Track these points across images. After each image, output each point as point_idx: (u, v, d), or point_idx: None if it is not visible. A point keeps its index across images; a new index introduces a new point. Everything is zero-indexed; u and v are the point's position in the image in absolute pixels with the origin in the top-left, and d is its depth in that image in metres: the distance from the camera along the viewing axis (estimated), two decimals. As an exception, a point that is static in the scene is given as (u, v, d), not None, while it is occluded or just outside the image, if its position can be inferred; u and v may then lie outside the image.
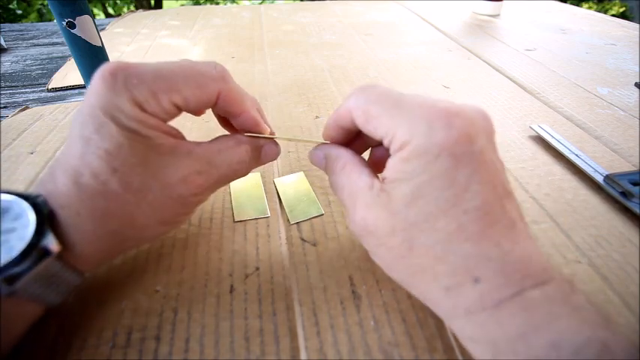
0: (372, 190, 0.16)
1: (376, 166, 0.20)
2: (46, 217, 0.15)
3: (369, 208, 0.16)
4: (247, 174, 0.21)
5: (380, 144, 0.19)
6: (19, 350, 0.17)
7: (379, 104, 0.16)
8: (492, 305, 0.14)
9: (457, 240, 0.14)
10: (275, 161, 0.30)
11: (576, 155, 0.29)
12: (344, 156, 0.19)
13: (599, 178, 0.27)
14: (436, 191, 0.14)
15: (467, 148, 0.14)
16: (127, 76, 0.16)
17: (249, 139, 0.20)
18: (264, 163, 0.22)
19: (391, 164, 0.16)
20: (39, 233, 0.15)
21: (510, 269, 0.14)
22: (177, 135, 0.18)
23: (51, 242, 0.15)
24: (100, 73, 0.16)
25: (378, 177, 0.17)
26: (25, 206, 0.15)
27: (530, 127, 0.33)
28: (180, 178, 0.17)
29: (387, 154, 0.17)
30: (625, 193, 0.25)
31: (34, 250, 0.14)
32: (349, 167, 0.18)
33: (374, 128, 0.16)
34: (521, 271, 0.14)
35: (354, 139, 0.20)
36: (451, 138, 0.14)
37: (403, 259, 0.15)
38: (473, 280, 0.14)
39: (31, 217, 0.15)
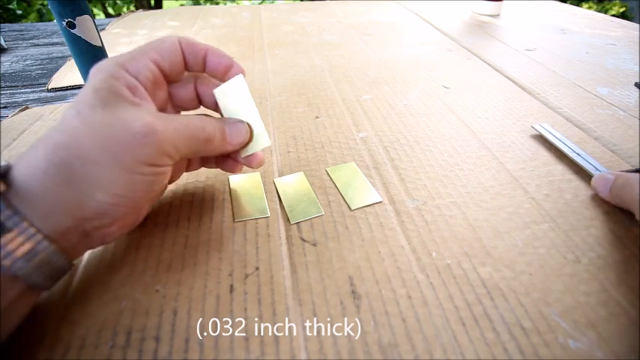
0: None
1: None
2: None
3: None
4: (212, 152, 0.22)
5: None
6: (17, 350, 0.17)
7: None
8: None
9: None
10: (275, 161, 0.30)
11: (577, 154, 0.29)
12: None
13: None
14: None
15: None
16: (117, 57, 0.20)
17: (215, 119, 0.22)
18: (233, 145, 0.22)
19: None
20: None
21: None
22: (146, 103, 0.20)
23: None
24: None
25: None
26: None
27: (532, 126, 0.34)
28: (138, 117, 0.18)
29: None
30: None
31: None
32: None
33: None
34: None
35: None
36: None
37: None
38: None
39: None
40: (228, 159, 0.25)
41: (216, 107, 0.24)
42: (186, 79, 0.23)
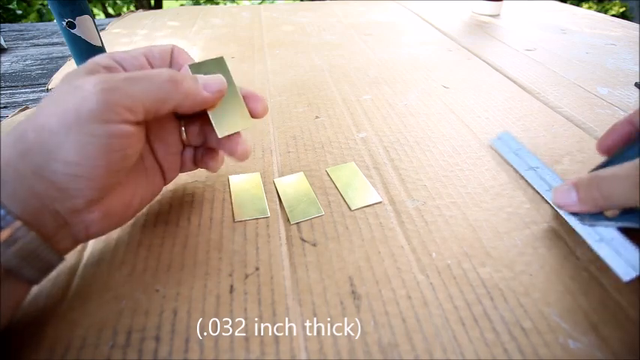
0: None
1: None
2: None
3: None
4: (187, 101, 0.20)
5: None
6: (17, 350, 0.17)
7: None
8: None
9: None
10: (275, 161, 0.30)
11: (533, 168, 0.27)
12: None
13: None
14: None
15: None
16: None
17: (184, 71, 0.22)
18: (210, 92, 0.21)
19: None
20: None
21: None
22: None
23: None
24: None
25: None
26: None
27: (489, 144, 0.32)
28: (93, 79, 0.17)
29: None
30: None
31: None
32: None
33: None
34: None
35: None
36: None
37: None
38: None
39: None
40: (210, 151, 0.24)
41: None
42: None
